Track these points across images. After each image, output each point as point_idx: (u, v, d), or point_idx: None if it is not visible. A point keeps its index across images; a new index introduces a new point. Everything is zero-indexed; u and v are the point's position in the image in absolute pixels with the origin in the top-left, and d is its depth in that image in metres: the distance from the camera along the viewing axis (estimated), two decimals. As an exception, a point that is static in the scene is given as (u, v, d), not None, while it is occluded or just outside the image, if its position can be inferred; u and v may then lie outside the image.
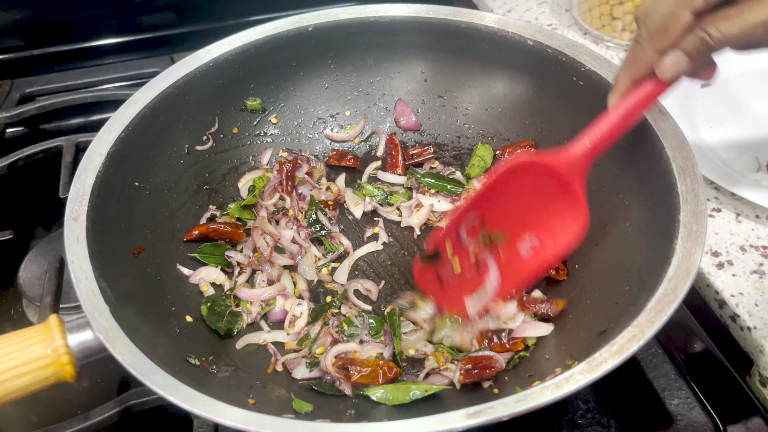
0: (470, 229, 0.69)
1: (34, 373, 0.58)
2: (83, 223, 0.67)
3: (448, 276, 0.71)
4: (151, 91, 0.83)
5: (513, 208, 0.68)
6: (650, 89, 0.65)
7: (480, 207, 0.69)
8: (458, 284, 0.71)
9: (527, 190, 0.67)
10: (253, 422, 0.52)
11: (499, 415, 0.51)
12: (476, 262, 0.69)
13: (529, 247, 0.70)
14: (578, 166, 0.67)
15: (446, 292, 0.73)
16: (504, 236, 0.69)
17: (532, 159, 0.67)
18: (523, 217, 0.69)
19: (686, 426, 0.70)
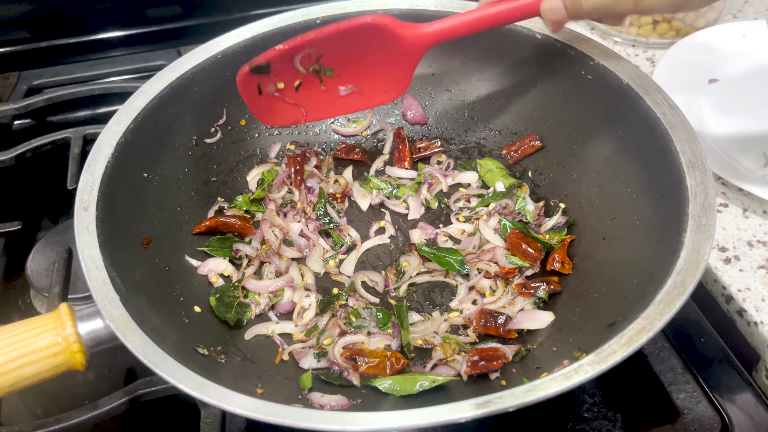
0: (305, 57, 0.75)
1: (44, 361, 0.59)
2: (93, 213, 0.68)
3: (269, 89, 0.77)
4: (159, 82, 0.83)
5: (351, 56, 0.75)
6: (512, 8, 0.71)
7: (323, 44, 0.74)
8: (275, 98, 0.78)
9: (371, 46, 0.74)
10: (263, 410, 0.52)
11: (507, 405, 0.51)
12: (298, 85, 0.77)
13: (349, 89, 0.78)
14: (421, 44, 0.74)
15: (262, 102, 0.79)
16: (333, 73, 0.76)
17: (388, 23, 0.72)
18: (356, 65, 0.76)
19: (693, 420, 0.70)
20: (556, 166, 0.89)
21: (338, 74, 0.77)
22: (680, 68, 1.08)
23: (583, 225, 0.83)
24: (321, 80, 0.76)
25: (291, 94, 0.78)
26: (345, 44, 0.74)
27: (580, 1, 0.66)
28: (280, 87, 0.77)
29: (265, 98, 0.78)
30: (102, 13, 1.36)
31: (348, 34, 0.73)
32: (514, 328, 0.75)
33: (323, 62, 0.76)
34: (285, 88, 0.78)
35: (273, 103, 0.79)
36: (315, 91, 0.78)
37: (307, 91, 0.78)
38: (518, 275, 0.81)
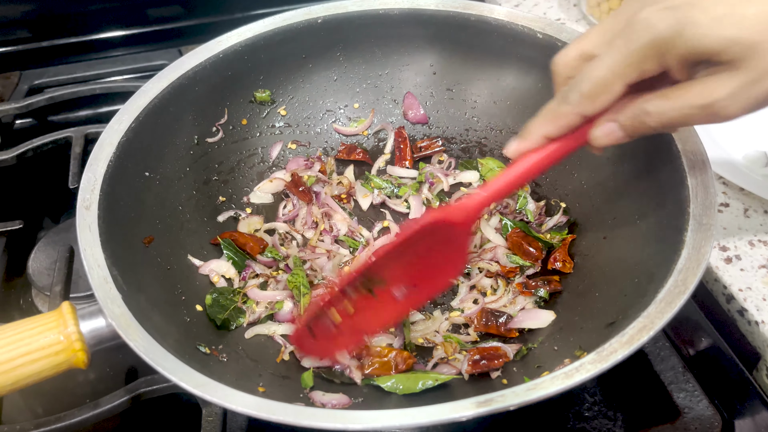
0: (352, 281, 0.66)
1: (46, 359, 0.59)
2: (95, 211, 0.68)
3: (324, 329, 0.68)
4: (161, 81, 0.83)
5: (399, 262, 0.66)
6: (559, 149, 0.61)
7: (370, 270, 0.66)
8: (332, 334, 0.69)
9: (419, 243, 0.65)
10: (265, 409, 0.52)
11: (509, 404, 0.51)
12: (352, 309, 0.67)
13: (404, 291, 0.68)
14: (470, 218, 0.65)
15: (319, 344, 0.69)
16: (383, 282, 0.67)
17: (438, 220, 0.64)
18: (408, 266, 0.67)
19: (693, 419, 0.70)
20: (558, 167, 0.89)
21: (388, 281, 0.68)
22: (681, 68, 1.08)
23: (584, 224, 0.83)
24: (372, 292, 0.67)
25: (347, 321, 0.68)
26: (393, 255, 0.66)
27: (645, 122, 0.55)
28: (337, 320, 0.68)
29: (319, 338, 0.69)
30: (103, 13, 1.36)
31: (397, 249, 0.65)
32: (515, 327, 0.75)
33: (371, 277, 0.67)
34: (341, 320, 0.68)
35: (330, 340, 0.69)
36: (369, 305, 0.68)
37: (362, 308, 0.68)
38: (519, 274, 0.81)
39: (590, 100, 0.56)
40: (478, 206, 0.64)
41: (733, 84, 0.51)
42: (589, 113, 0.57)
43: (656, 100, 0.54)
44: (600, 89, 0.55)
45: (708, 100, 0.52)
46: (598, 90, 0.55)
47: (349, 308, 0.67)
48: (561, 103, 0.59)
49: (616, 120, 0.57)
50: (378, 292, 0.67)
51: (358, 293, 0.66)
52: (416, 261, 0.66)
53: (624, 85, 0.54)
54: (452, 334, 0.77)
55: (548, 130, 0.60)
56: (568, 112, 0.58)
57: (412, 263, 0.66)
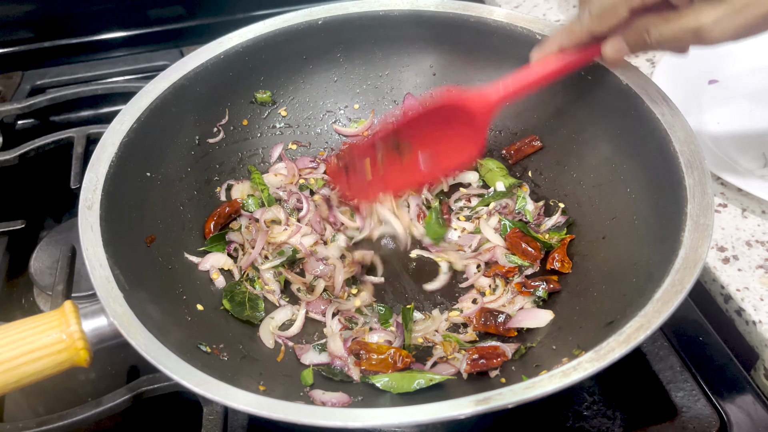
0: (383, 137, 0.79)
1: (49, 358, 0.59)
2: (97, 211, 0.68)
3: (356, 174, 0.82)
4: (162, 82, 0.83)
5: (425, 130, 0.78)
6: (571, 60, 0.74)
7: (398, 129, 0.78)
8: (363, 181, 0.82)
9: (442, 118, 0.77)
10: (266, 407, 0.52)
11: (507, 402, 0.52)
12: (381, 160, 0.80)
13: (428, 160, 0.80)
14: (489, 107, 0.75)
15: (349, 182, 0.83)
16: (410, 146, 0.80)
17: (456, 100, 0.75)
18: (431, 137, 0.79)
19: (691, 418, 0.71)
20: (555, 165, 0.90)
21: (414, 146, 0.80)
22: (680, 69, 1.09)
23: (582, 224, 0.83)
24: (401, 154, 0.80)
25: (375, 170, 0.82)
26: (419, 123, 0.77)
27: (645, 38, 0.66)
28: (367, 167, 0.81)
29: (351, 176, 0.83)
30: (104, 14, 1.37)
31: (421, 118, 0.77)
32: (513, 327, 0.76)
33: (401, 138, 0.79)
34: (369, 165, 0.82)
35: (358, 182, 0.83)
36: (396, 165, 0.81)
37: (389, 165, 0.81)
38: (518, 274, 0.82)
39: (599, 20, 0.69)
40: (495, 99, 0.74)
41: (718, 13, 0.61)
42: (597, 32, 0.70)
43: (656, 21, 0.65)
44: (607, 12, 0.67)
45: (696, 25, 0.62)
46: (606, 12, 0.67)
47: (379, 164, 0.80)
48: (575, 22, 0.72)
49: (623, 37, 0.69)
50: (405, 155, 0.80)
51: (387, 152, 0.79)
52: (438, 133, 0.77)
53: (628, 10, 0.66)
54: (451, 333, 0.78)
55: (562, 42, 0.74)
56: (580, 29, 0.71)
57: (435, 134, 0.78)
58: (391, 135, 0.78)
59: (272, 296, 0.82)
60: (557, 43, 0.74)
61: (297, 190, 0.93)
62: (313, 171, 0.96)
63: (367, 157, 0.80)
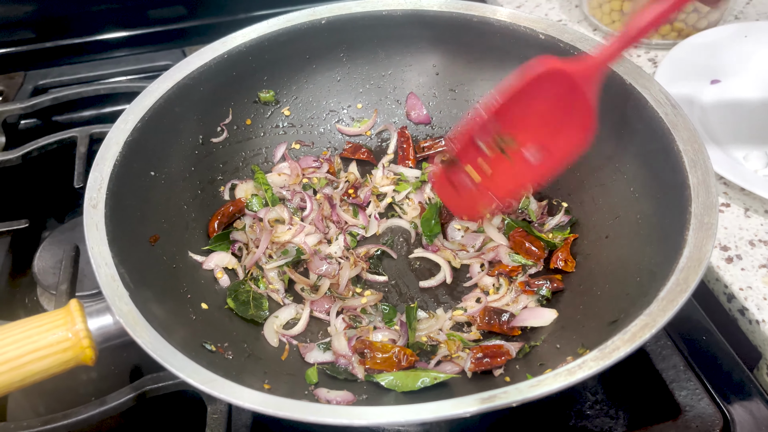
0: (484, 133, 0.72)
1: (54, 356, 0.59)
2: (102, 210, 0.68)
3: (461, 179, 0.75)
4: (166, 82, 0.84)
5: (527, 113, 0.70)
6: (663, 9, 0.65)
7: (498, 114, 0.71)
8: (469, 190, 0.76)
9: (543, 96, 0.69)
10: (272, 404, 0.52)
11: (512, 400, 0.52)
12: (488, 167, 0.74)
13: (536, 152, 0.73)
14: (594, 74, 0.68)
15: (461, 199, 0.78)
16: (513, 141, 0.72)
17: (556, 67, 0.68)
18: (535, 122, 0.70)
19: (694, 417, 0.71)
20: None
21: (518, 139, 0.73)
22: (682, 69, 1.09)
23: (586, 224, 0.84)
24: (503, 151, 0.72)
25: (483, 178, 0.76)
26: (518, 104, 0.70)
27: None
28: (470, 171, 0.75)
29: (459, 192, 0.78)
30: (106, 14, 1.37)
31: (518, 95, 0.70)
32: (517, 326, 0.76)
33: (502, 131, 0.72)
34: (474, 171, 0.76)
35: (468, 194, 0.77)
36: (504, 167, 0.75)
37: (495, 168, 0.75)
38: (521, 273, 0.82)
39: None
40: (602, 58, 0.67)
41: None
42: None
43: None
44: None
45: None
46: None
47: (486, 168, 0.73)
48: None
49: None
50: (511, 153, 0.72)
51: (491, 151, 0.72)
52: (541, 116, 0.69)
53: None
54: (455, 332, 0.78)
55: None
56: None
57: (538, 118, 0.69)
58: (490, 127, 0.70)
59: (276, 295, 0.82)
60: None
61: (300, 190, 0.93)
62: (317, 170, 0.96)
63: (468, 163, 0.73)
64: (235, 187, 0.92)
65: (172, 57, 1.26)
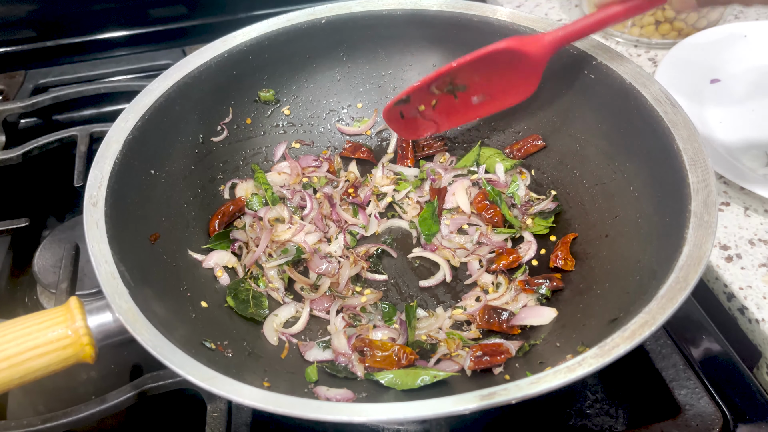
0: (440, 83, 0.84)
1: (54, 354, 0.59)
2: (102, 208, 0.68)
3: (411, 113, 0.88)
4: (167, 80, 0.84)
5: (481, 75, 0.83)
6: (630, 7, 0.73)
7: (456, 72, 0.83)
8: (415, 118, 0.89)
9: (499, 64, 0.81)
10: (272, 402, 0.52)
11: (512, 397, 0.52)
12: (435, 103, 0.87)
13: (480, 98, 0.87)
14: (546, 49, 0.79)
15: (404, 124, 0.90)
16: (465, 88, 0.85)
17: (516, 45, 0.79)
18: (485, 81, 0.84)
19: (694, 416, 0.71)
20: (558, 164, 0.90)
21: (470, 88, 0.85)
22: (682, 68, 1.09)
23: (585, 222, 0.84)
24: (455, 95, 0.86)
25: (429, 111, 0.88)
26: (475, 68, 0.82)
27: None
28: (421, 109, 0.88)
29: (407, 120, 0.89)
30: (107, 13, 1.37)
31: (479, 61, 0.81)
32: (517, 324, 0.76)
33: (456, 83, 0.85)
34: (424, 109, 0.88)
35: (413, 122, 0.90)
36: (450, 104, 0.88)
37: (443, 106, 0.87)
38: (521, 272, 0.82)
39: None
40: (553, 41, 0.78)
41: None
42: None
43: None
44: None
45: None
46: None
47: (432, 102, 0.86)
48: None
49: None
50: (459, 96, 0.86)
51: (441, 93, 0.85)
52: (492, 76, 0.82)
53: None
54: (455, 330, 0.78)
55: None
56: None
57: (489, 77, 0.83)
58: (446, 78, 0.83)
59: (276, 294, 0.82)
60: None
61: (300, 189, 0.93)
62: (317, 169, 0.96)
63: (421, 103, 0.86)
64: (235, 186, 0.92)
65: (172, 56, 1.26)
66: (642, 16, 1.18)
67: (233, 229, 0.88)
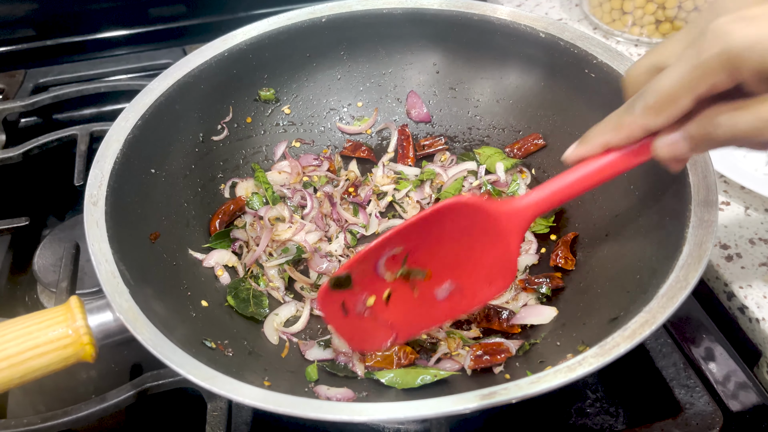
0: (389, 260, 0.63)
1: (54, 353, 0.59)
2: (102, 207, 0.68)
3: (355, 307, 0.65)
4: (167, 79, 0.84)
5: (441, 248, 0.64)
6: (620, 160, 0.58)
7: (407, 239, 0.63)
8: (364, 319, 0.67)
9: (461, 232, 0.63)
10: (272, 401, 0.52)
11: (512, 397, 0.51)
12: (387, 298, 0.65)
13: (447, 291, 0.66)
14: (520, 220, 0.62)
15: (350, 324, 0.67)
16: (423, 274, 0.65)
17: (475, 202, 0.62)
18: (450, 259, 0.64)
19: (694, 415, 0.71)
20: (558, 164, 0.89)
21: (431, 274, 0.65)
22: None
23: (585, 221, 0.84)
24: (413, 287, 0.65)
25: (381, 308, 0.66)
26: (431, 235, 0.63)
27: (712, 132, 0.50)
28: (369, 304, 0.65)
29: (352, 319, 0.66)
30: (107, 12, 1.37)
31: (432, 222, 0.62)
32: (517, 323, 0.76)
33: (411, 263, 0.64)
34: (374, 303, 0.66)
35: (361, 325, 0.67)
36: (407, 300, 0.66)
37: (399, 301, 0.66)
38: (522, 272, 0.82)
39: (655, 112, 0.52)
40: (526, 206, 0.61)
41: None
42: (653, 127, 0.54)
43: (729, 110, 0.49)
44: (666, 101, 0.51)
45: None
46: (664, 102, 0.51)
47: (385, 293, 0.64)
48: (625, 113, 0.55)
49: (684, 130, 0.53)
50: (418, 287, 0.65)
51: (394, 280, 0.63)
52: (455, 254, 0.63)
53: (692, 99, 0.50)
54: (455, 330, 0.78)
55: (609, 139, 0.57)
56: (631, 123, 0.55)
57: (452, 255, 0.63)
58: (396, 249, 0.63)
59: (277, 293, 0.82)
60: (602, 140, 0.58)
61: (301, 188, 0.93)
62: (317, 168, 0.96)
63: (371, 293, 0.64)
64: (236, 185, 0.92)
65: (172, 55, 1.26)
66: (642, 15, 1.18)
67: (234, 228, 0.88)
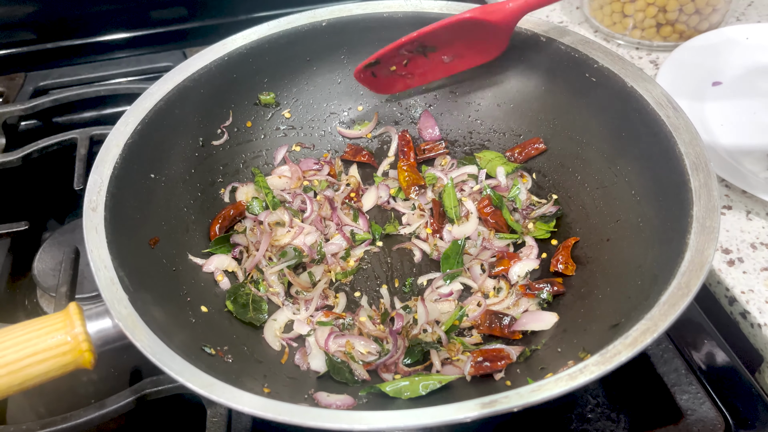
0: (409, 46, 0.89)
1: (53, 360, 0.59)
2: (101, 213, 0.68)
3: (381, 72, 0.93)
4: (167, 84, 0.84)
5: (448, 38, 0.87)
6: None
7: (424, 38, 0.87)
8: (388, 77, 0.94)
9: (466, 31, 0.85)
10: (271, 409, 0.52)
11: (513, 405, 0.51)
12: (406, 62, 0.92)
13: (450, 58, 0.91)
14: (511, 17, 0.83)
15: (377, 82, 0.95)
16: (435, 48, 0.89)
17: (481, 15, 0.83)
18: (454, 45, 0.88)
19: (696, 421, 0.71)
20: (559, 168, 0.90)
21: (439, 50, 0.89)
22: (683, 71, 1.09)
23: (586, 227, 0.83)
24: (426, 55, 0.90)
25: (401, 69, 0.93)
26: (443, 34, 0.86)
27: None
28: (393, 69, 0.92)
29: (379, 79, 0.94)
30: (107, 15, 1.37)
31: (445, 29, 0.85)
32: (518, 329, 0.76)
33: (425, 45, 0.88)
34: (396, 69, 0.93)
35: (386, 79, 0.95)
36: (421, 63, 0.92)
37: (415, 65, 0.92)
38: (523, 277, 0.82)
39: None
40: (516, 9, 0.81)
41: None
42: None
43: None
44: None
45: None
46: None
47: (404, 62, 0.91)
48: None
49: None
50: (430, 55, 0.90)
51: (411, 54, 0.90)
52: (460, 41, 0.87)
53: None
54: (456, 336, 0.77)
55: None
56: None
57: (457, 42, 0.87)
58: (414, 43, 0.87)
59: (276, 298, 0.82)
60: None
61: (301, 192, 0.93)
62: (317, 173, 0.96)
63: (393, 64, 0.90)
64: (236, 190, 0.92)
65: (172, 58, 1.26)
66: (643, 18, 1.18)
67: (234, 233, 0.87)
